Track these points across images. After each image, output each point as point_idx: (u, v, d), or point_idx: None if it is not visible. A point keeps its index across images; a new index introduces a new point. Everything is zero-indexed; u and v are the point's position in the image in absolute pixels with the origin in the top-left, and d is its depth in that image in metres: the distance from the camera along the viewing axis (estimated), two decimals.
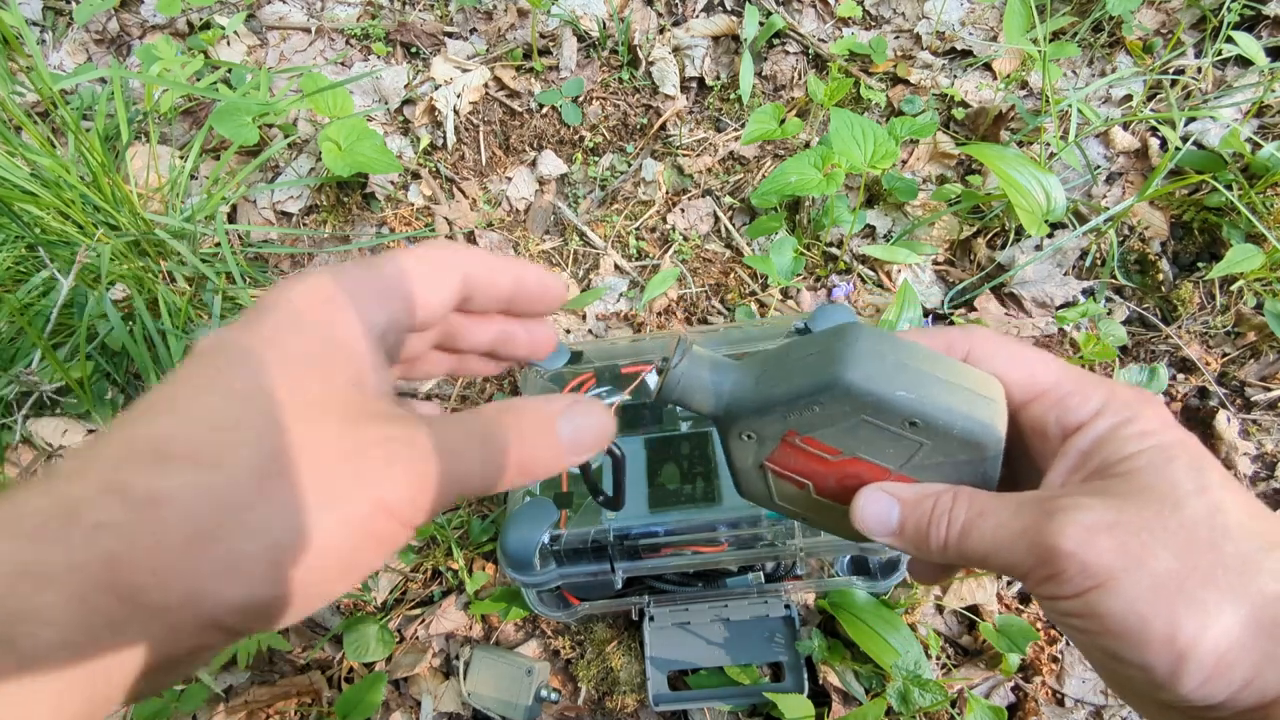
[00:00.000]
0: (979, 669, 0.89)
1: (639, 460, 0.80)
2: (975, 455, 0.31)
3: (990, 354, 0.32)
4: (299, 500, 0.22)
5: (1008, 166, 0.97)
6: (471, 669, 0.91)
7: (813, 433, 0.32)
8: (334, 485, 0.23)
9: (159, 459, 0.22)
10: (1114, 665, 0.26)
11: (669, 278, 1.10)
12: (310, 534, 0.22)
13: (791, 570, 0.88)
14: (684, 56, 1.30)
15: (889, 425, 0.31)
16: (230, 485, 0.22)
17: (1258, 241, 1.02)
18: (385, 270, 0.28)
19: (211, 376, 0.24)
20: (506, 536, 0.75)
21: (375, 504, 0.23)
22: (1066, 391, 0.30)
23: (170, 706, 0.88)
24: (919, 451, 0.31)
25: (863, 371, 0.30)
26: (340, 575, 0.23)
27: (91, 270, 0.97)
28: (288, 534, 0.22)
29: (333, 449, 0.23)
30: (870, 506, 0.32)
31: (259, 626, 0.23)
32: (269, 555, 0.22)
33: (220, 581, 0.21)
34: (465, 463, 0.26)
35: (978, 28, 1.31)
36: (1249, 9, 1.21)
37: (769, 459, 0.34)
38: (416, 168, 1.25)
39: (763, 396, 0.33)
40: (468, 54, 1.33)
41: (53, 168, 0.96)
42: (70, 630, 0.20)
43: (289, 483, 0.22)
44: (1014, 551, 0.27)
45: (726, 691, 0.87)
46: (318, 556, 0.22)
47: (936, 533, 0.30)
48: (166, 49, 1.22)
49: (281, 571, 0.22)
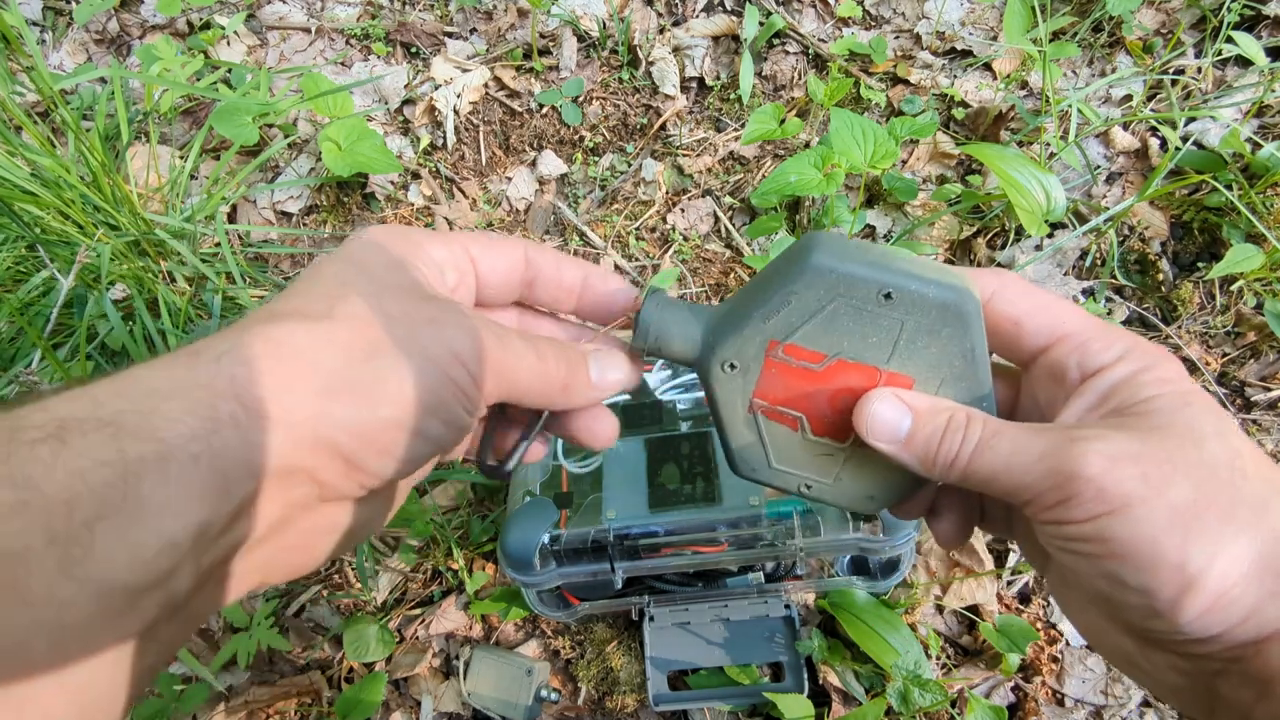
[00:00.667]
0: (979, 669, 0.89)
1: (639, 460, 0.80)
2: (958, 328, 0.31)
3: (1016, 296, 0.32)
4: (393, 342, 0.27)
5: (1008, 166, 0.97)
6: (471, 669, 0.91)
7: (793, 336, 0.32)
8: (419, 335, 0.28)
9: (272, 317, 0.26)
10: (1114, 593, 0.26)
11: (669, 278, 1.10)
12: (404, 368, 0.27)
13: (791, 570, 0.88)
14: (684, 56, 1.30)
15: (864, 304, 0.31)
16: (336, 329, 0.26)
17: (1258, 241, 1.02)
18: (447, 231, 0.33)
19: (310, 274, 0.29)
20: (506, 536, 0.75)
21: (452, 353, 0.28)
22: (1090, 337, 0.31)
23: (170, 706, 0.88)
24: (901, 333, 0.31)
25: (829, 252, 0.31)
26: (427, 410, 0.27)
27: (91, 270, 0.97)
28: (386, 366, 0.26)
29: (416, 314, 0.28)
30: (882, 411, 0.31)
31: (367, 458, 0.26)
32: (372, 383, 0.26)
33: (334, 401, 0.25)
34: (523, 359, 0.31)
35: (978, 28, 1.31)
36: (1249, 9, 1.21)
37: (756, 393, 0.34)
38: (416, 168, 1.25)
39: (737, 312, 0.33)
40: (468, 54, 1.33)
41: (53, 168, 0.96)
42: (198, 426, 0.23)
43: (384, 330, 0.27)
44: (1028, 473, 0.28)
45: (726, 691, 0.87)
46: (412, 387, 0.27)
47: (948, 447, 0.30)
48: (166, 49, 1.22)
49: (386, 396, 0.26)
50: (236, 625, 0.95)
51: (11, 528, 0.20)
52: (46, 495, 0.20)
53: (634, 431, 0.83)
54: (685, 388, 0.89)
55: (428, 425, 0.27)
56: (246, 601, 0.99)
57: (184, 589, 0.23)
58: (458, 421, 0.29)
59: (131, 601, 0.21)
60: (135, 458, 0.21)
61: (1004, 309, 0.32)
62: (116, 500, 0.21)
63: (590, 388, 0.33)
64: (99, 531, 0.20)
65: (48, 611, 0.20)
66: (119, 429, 0.22)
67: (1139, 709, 0.87)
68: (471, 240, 0.34)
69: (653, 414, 0.85)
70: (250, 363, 0.24)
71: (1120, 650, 0.29)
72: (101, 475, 0.21)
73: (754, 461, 0.36)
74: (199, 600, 0.24)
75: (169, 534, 0.21)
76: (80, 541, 0.20)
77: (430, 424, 0.27)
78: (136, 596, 0.21)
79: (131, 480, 0.21)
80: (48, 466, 0.21)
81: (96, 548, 0.20)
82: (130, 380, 0.23)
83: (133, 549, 0.21)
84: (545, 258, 0.36)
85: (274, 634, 0.92)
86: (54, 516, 0.20)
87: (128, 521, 0.21)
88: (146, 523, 0.21)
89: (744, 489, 0.75)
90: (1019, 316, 0.32)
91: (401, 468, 0.28)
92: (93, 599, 0.20)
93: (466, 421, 0.29)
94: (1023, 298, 0.32)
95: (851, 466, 0.35)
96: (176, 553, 0.22)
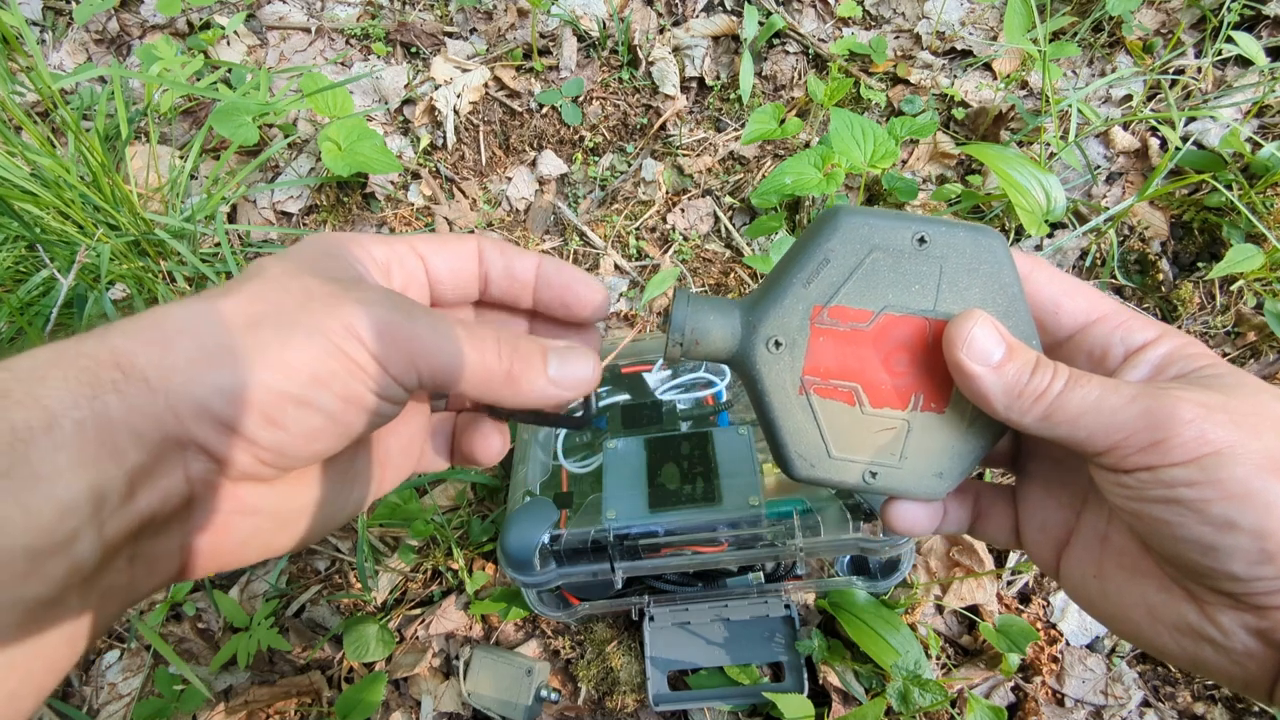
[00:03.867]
0: (979, 669, 0.89)
1: (639, 460, 0.80)
2: (993, 264, 0.32)
3: (1049, 279, 0.33)
4: (279, 314, 0.26)
5: (1008, 166, 0.97)
6: (471, 669, 0.91)
7: (836, 297, 0.32)
8: (311, 309, 0.27)
9: (166, 305, 0.26)
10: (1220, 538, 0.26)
11: (669, 278, 1.10)
12: (288, 337, 0.26)
13: (791, 570, 0.88)
14: (684, 56, 1.30)
15: (901, 252, 0.32)
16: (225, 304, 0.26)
17: (1258, 241, 1.02)
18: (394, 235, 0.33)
19: (246, 269, 0.29)
20: (506, 536, 0.75)
21: (345, 327, 0.27)
22: (1128, 317, 0.32)
23: (170, 706, 0.88)
24: (942, 276, 0.32)
25: (857, 211, 0.32)
26: (314, 381, 0.26)
27: (91, 270, 0.97)
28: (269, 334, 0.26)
29: (317, 290, 0.27)
30: (980, 334, 0.31)
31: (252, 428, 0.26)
32: (252, 349, 0.25)
33: (210, 368, 0.25)
34: (445, 342, 0.29)
35: (978, 28, 1.31)
36: (1249, 9, 1.21)
37: (806, 369, 0.33)
38: (416, 168, 1.25)
39: (775, 287, 0.33)
40: (468, 54, 1.33)
41: (53, 168, 0.96)
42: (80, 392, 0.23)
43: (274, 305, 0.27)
44: (1118, 413, 0.28)
45: (726, 691, 0.87)
46: (295, 355, 0.26)
47: (1039, 381, 0.30)
48: (166, 49, 1.22)
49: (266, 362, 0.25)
50: (236, 625, 0.95)
51: None
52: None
53: (634, 431, 0.83)
54: (685, 388, 0.89)
55: (317, 395, 0.26)
56: (246, 601, 0.99)
57: (88, 556, 0.23)
58: (355, 397, 0.27)
59: (33, 564, 0.21)
60: (23, 425, 0.21)
61: (1041, 289, 0.33)
62: (5, 466, 0.21)
63: (547, 383, 0.31)
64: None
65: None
66: (4, 397, 0.22)
67: (1139, 709, 0.87)
68: (420, 240, 0.34)
69: (653, 414, 0.85)
70: (134, 335, 0.25)
71: (1181, 624, 0.29)
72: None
73: (812, 455, 0.34)
74: (112, 575, 0.24)
75: (62, 497, 0.22)
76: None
77: (320, 395, 0.26)
78: (37, 560, 0.21)
79: (19, 447, 0.21)
80: None
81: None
82: (16, 358, 0.24)
83: (28, 513, 0.21)
84: (495, 250, 0.35)
85: (274, 634, 0.92)
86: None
87: (20, 485, 0.21)
88: (39, 487, 0.21)
89: (744, 489, 0.75)
90: (1057, 296, 0.33)
91: (297, 442, 0.26)
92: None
93: (370, 400, 0.28)
94: (1056, 280, 0.33)
95: (916, 440, 0.33)
96: (75, 517, 0.22)
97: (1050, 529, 0.35)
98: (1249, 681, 0.28)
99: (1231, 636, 0.28)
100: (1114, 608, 0.31)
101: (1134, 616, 0.31)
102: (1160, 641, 0.30)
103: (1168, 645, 0.30)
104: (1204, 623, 0.28)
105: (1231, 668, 0.28)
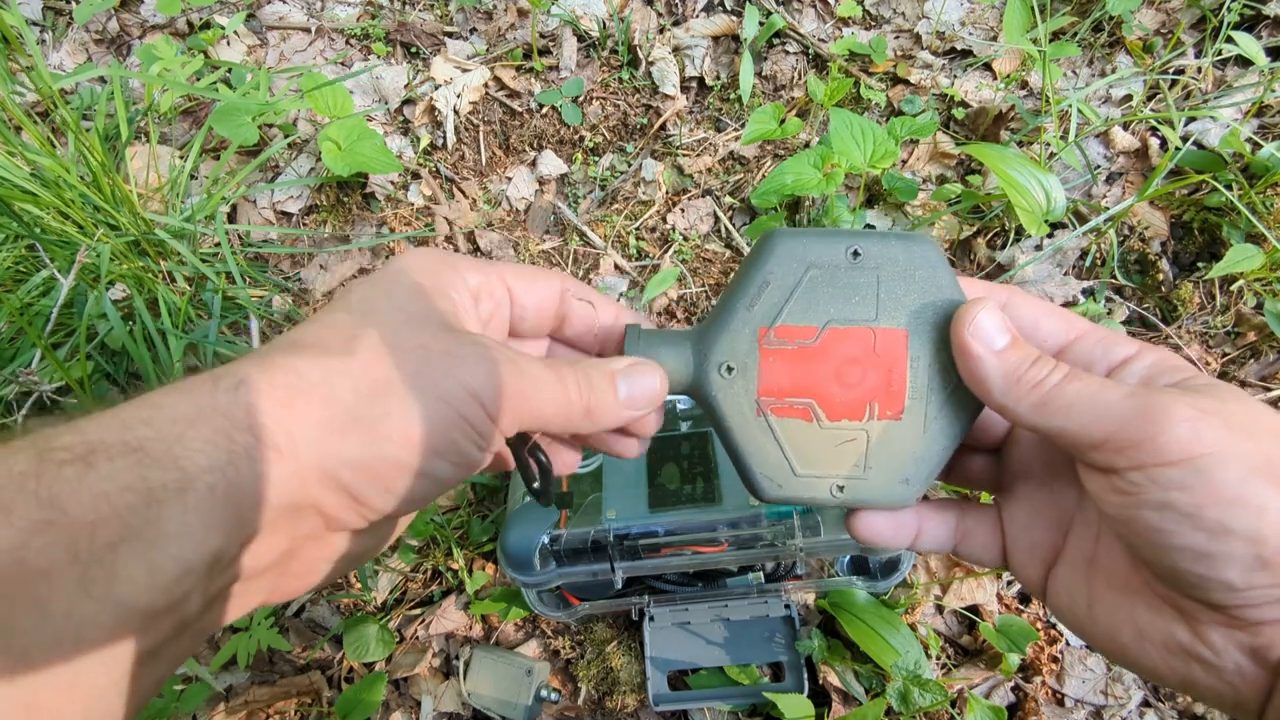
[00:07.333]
0: (979, 669, 0.89)
1: (639, 460, 0.80)
2: (927, 269, 0.33)
3: (1026, 303, 0.34)
4: (404, 380, 0.27)
5: (1008, 166, 0.97)
6: (471, 669, 0.91)
7: (780, 317, 0.33)
8: (432, 372, 0.28)
9: (292, 347, 0.27)
10: (1212, 545, 0.26)
11: (669, 278, 1.10)
12: (413, 408, 0.27)
13: (791, 570, 0.88)
14: (684, 56, 1.30)
15: (837, 268, 0.33)
16: (350, 364, 0.27)
17: (1258, 241, 1.02)
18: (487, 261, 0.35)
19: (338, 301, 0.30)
20: (506, 536, 0.75)
21: (467, 390, 0.28)
22: (1105, 335, 0.33)
23: (171, 706, 0.88)
24: (879, 286, 0.33)
25: (790, 233, 0.33)
26: (434, 452, 0.27)
27: (91, 270, 0.97)
28: (397, 404, 0.26)
29: (434, 346, 0.28)
30: (986, 319, 0.31)
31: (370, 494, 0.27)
32: (380, 420, 0.26)
33: (341, 438, 0.26)
34: (544, 388, 0.30)
35: (978, 28, 1.31)
36: (1249, 9, 1.21)
37: (760, 390, 0.33)
38: (416, 168, 1.25)
39: (720, 315, 0.34)
40: (468, 54, 1.33)
41: (53, 168, 0.96)
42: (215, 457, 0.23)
43: (397, 367, 0.27)
44: (1114, 407, 0.28)
45: (726, 691, 0.87)
46: (419, 428, 0.27)
47: (1037, 371, 0.30)
48: (166, 49, 1.22)
49: (391, 434, 0.26)
50: (236, 625, 0.95)
51: (37, 544, 0.20)
52: (71, 516, 0.21)
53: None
54: None
55: (434, 466, 0.28)
56: None
57: (194, 611, 0.23)
58: (468, 460, 0.29)
59: (147, 623, 0.22)
60: (157, 485, 0.22)
61: (1021, 311, 0.34)
62: (138, 525, 0.22)
63: (619, 407, 0.32)
64: (121, 553, 0.21)
65: (67, 627, 0.20)
66: (143, 455, 0.23)
67: (1139, 709, 0.87)
68: (508, 271, 0.35)
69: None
70: (267, 394, 0.25)
71: (1170, 643, 0.28)
72: (125, 500, 0.22)
73: (778, 475, 0.34)
74: (204, 621, 0.25)
75: (186, 560, 0.22)
76: (102, 562, 0.21)
77: (437, 465, 0.28)
78: (152, 619, 0.22)
79: (153, 506, 0.22)
80: (74, 488, 0.21)
81: (118, 569, 0.21)
82: (155, 406, 0.24)
83: (152, 572, 0.22)
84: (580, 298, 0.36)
85: (274, 634, 0.92)
86: (78, 537, 0.21)
87: (148, 546, 0.22)
88: (166, 548, 0.22)
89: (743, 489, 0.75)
90: (1037, 317, 0.34)
91: (404, 505, 0.28)
92: (111, 618, 0.21)
93: (477, 458, 0.29)
94: (1033, 303, 0.34)
95: (878, 449, 0.34)
96: (192, 578, 0.23)
97: (1037, 550, 0.34)
98: (1239, 702, 0.27)
99: (1223, 655, 0.27)
100: (1102, 628, 0.31)
101: (1122, 637, 0.30)
102: (1149, 661, 0.29)
103: (1157, 665, 0.29)
104: (1194, 641, 0.28)
105: (1222, 688, 0.27)
